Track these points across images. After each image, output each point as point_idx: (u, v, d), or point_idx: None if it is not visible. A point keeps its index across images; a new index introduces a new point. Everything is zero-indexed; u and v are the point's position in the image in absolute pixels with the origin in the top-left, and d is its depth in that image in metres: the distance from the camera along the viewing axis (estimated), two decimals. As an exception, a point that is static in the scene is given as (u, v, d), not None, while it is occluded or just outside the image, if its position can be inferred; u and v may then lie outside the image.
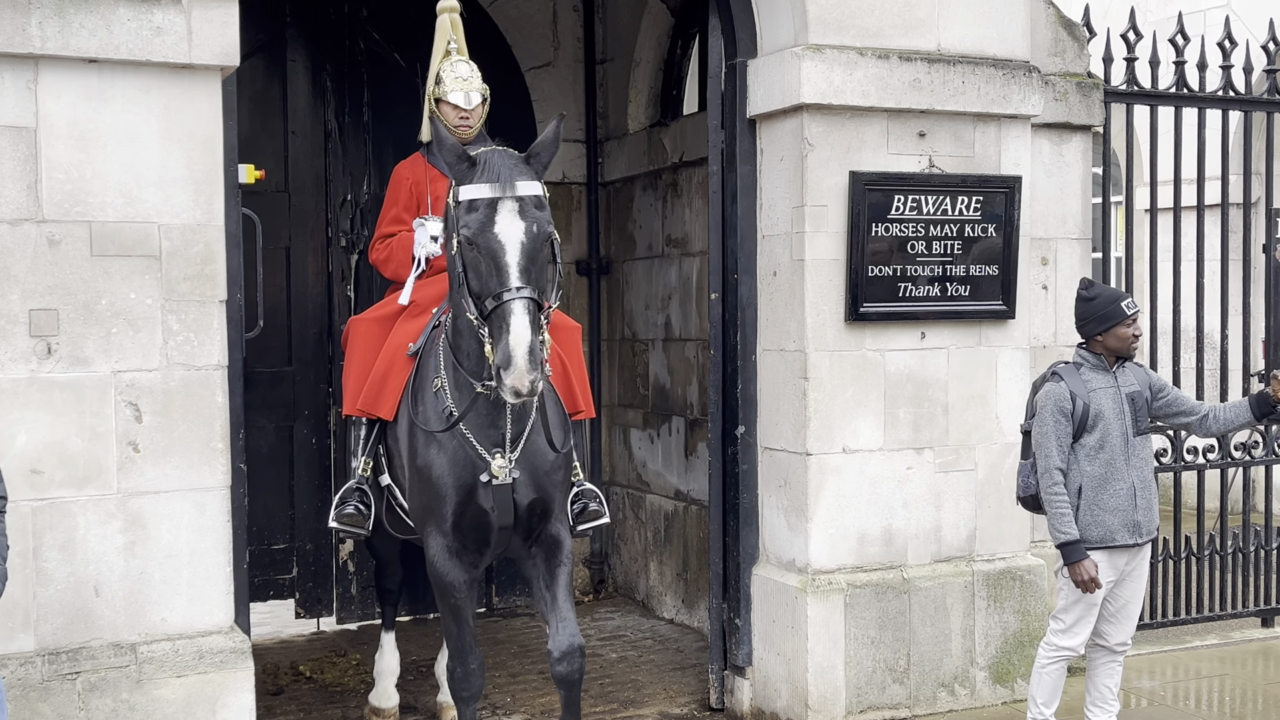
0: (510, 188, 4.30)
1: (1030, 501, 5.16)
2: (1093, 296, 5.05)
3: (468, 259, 4.32)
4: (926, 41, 5.87)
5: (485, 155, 4.40)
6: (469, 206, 4.32)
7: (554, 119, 4.60)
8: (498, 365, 4.16)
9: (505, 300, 4.17)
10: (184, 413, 4.73)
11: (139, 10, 4.57)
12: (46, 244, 4.52)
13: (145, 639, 4.70)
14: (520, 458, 4.71)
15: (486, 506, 4.71)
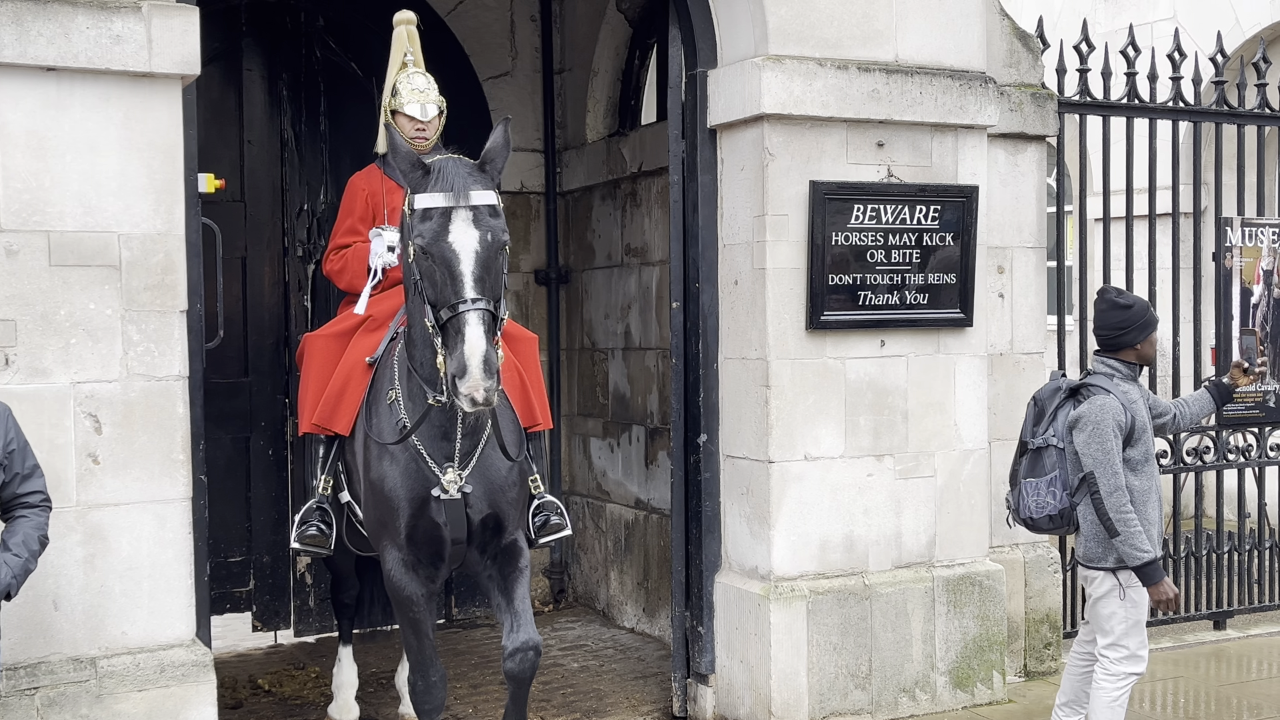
0: (464, 197, 4.28)
1: (1045, 522, 4.96)
2: (1130, 304, 4.93)
3: (423, 268, 4.31)
4: (885, 52, 5.93)
5: (440, 164, 4.38)
6: (423, 215, 4.30)
7: (500, 123, 4.57)
8: (453, 375, 4.14)
9: (460, 311, 4.15)
10: (144, 424, 4.69)
11: (98, 18, 4.53)
12: (4, 254, 4.47)
13: (105, 653, 4.64)
14: (473, 472, 4.69)
15: (439, 520, 4.69)
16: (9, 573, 3.89)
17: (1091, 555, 4.89)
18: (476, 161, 4.44)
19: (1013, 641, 6.50)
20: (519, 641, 4.67)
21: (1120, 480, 4.70)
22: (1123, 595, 4.82)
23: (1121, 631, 4.87)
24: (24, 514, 4.01)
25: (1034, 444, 4.98)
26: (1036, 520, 4.97)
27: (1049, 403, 4.99)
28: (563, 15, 8.39)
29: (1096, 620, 4.95)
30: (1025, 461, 5.03)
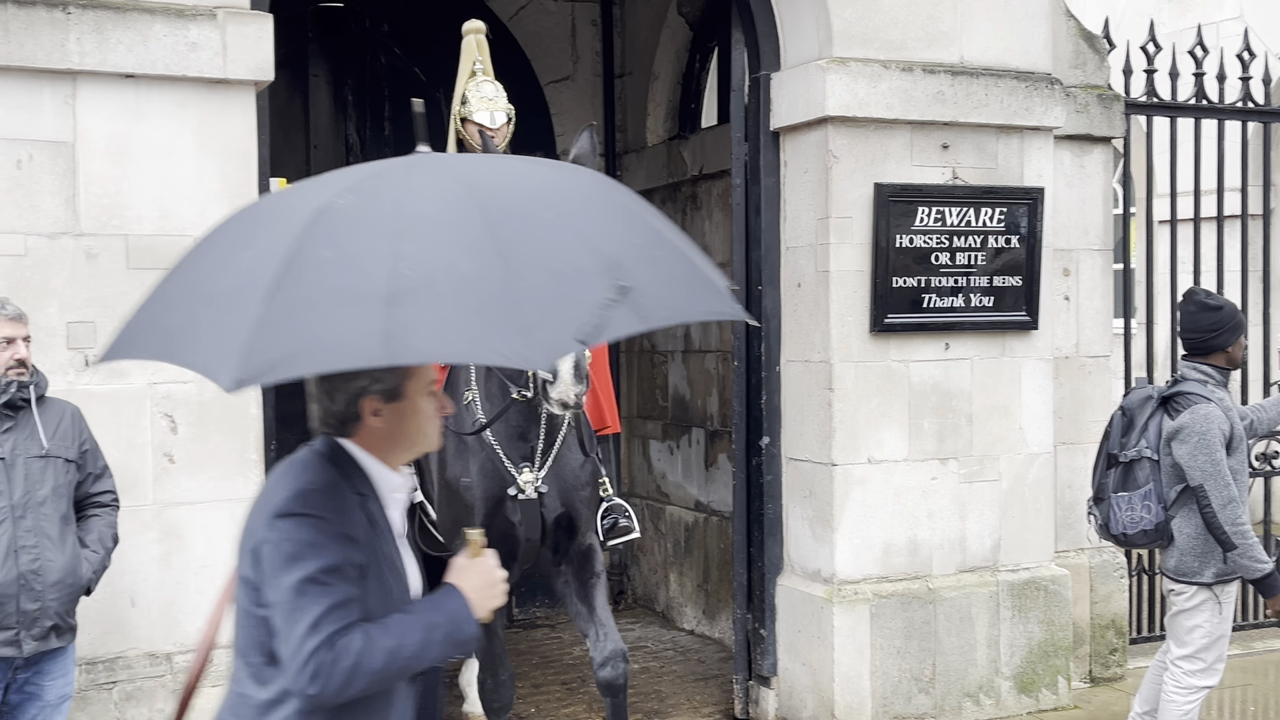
0: None
1: (1140, 538, 4.80)
2: (1220, 305, 4.78)
3: None
4: (950, 54, 5.91)
5: None
6: None
7: (585, 129, 4.64)
8: (544, 379, 4.19)
9: None
10: (219, 424, 4.77)
11: (175, 26, 4.62)
12: (84, 257, 4.57)
13: (180, 649, 4.72)
14: (549, 472, 4.74)
15: (514, 519, 4.74)
16: (90, 569, 3.99)
17: (1185, 569, 4.73)
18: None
19: (1078, 647, 6.45)
20: (608, 651, 4.73)
21: (1232, 491, 4.54)
22: (1219, 610, 4.72)
23: (1203, 645, 4.77)
24: (97, 512, 4.11)
25: (1125, 456, 4.79)
26: (1130, 536, 4.80)
27: (1139, 413, 4.81)
28: (623, 19, 8.43)
29: (1176, 632, 4.86)
30: (1115, 475, 4.83)
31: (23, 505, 3.85)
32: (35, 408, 3.95)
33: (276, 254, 2.05)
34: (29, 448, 3.91)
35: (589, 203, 2.24)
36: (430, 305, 1.96)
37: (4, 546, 3.81)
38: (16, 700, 3.96)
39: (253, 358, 1.96)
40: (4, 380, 3.89)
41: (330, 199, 2.11)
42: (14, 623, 3.82)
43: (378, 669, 2.23)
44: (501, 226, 2.06)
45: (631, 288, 2.03)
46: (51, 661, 3.97)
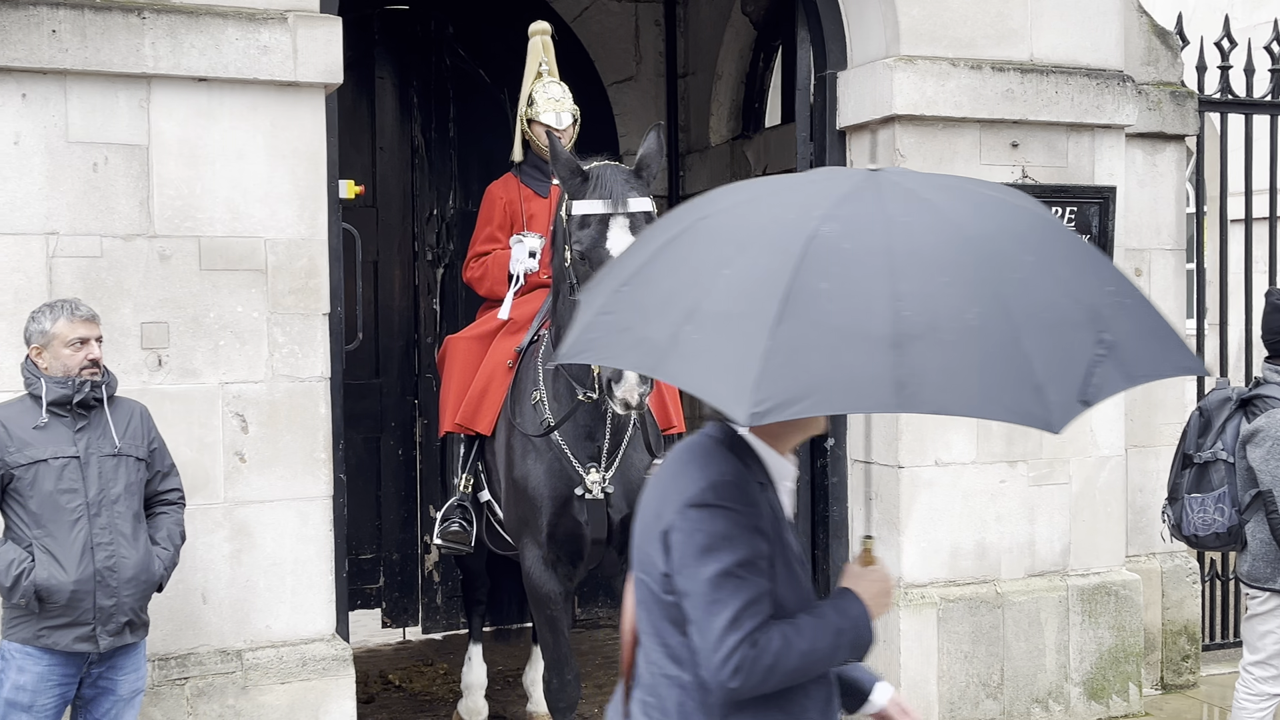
0: (622, 204, 4.35)
1: (1211, 540, 4.72)
2: None
3: (579, 273, 4.38)
4: (1019, 52, 5.84)
5: (598, 170, 4.45)
6: (581, 221, 4.37)
7: (652, 129, 4.63)
8: (608, 379, 4.21)
9: None
10: (288, 423, 4.82)
11: (247, 30, 4.67)
12: (157, 258, 4.63)
13: (251, 646, 4.78)
14: (616, 473, 4.74)
15: (581, 519, 4.75)
16: (161, 565, 4.05)
17: (1258, 575, 4.65)
18: (632, 168, 4.48)
19: (1149, 653, 6.35)
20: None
21: None
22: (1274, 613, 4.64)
23: (1274, 651, 4.69)
24: (165, 510, 4.16)
25: (1200, 458, 4.72)
26: (1202, 538, 4.74)
27: (1216, 414, 4.72)
28: (687, 19, 8.42)
29: (1249, 637, 4.78)
30: (1189, 475, 4.76)
31: (97, 503, 3.91)
32: (106, 407, 4.00)
33: (770, 282, 2.03)
34: (102, 446, 3.96)
35: (1058, 243, 2.20)
36: (938, 353, 1.94)
37: (80, 544, 3.87)
38: (91, 694, 4.02)
39: (765, 393, 1.94)
40: (78, 380, 3.94)
41: (815, 228, 2.08)
42: (90, 619, 3.88)
43: (791, 669, 2.27)
44: (994, 273, 2.03)
45: (1115, 341, 2.01)
46: (124, 657, 4.03)
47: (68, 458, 3.90)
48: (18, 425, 3.90)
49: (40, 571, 3.82)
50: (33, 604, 3.83)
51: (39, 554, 3.85)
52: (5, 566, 3.81)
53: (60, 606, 3.84)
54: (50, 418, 3.91)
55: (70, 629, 3.87)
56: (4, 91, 4.43)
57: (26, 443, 3.88)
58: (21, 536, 3.88)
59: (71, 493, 3.88)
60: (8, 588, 3.83)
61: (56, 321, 3.95)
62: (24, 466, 3.86)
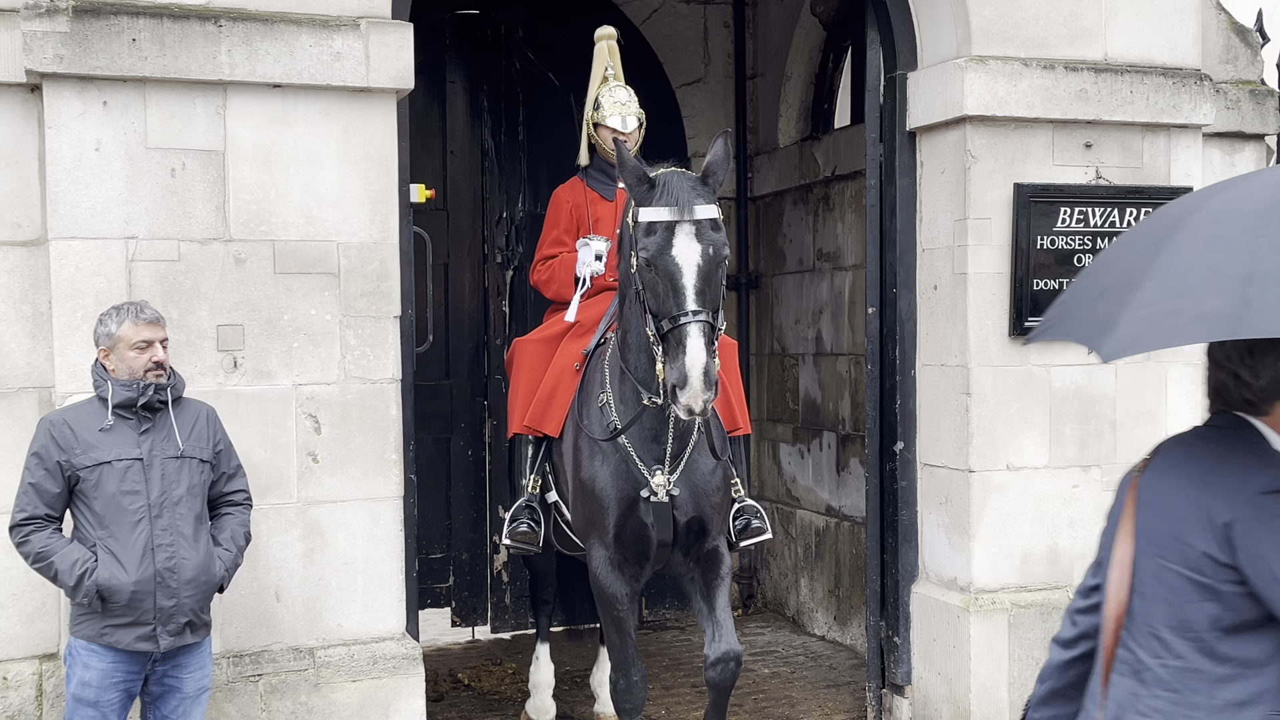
0: (688, 211, 4.34)
1: None
2: None
3: (645, 279, 4.40)
4: (1093, 51, 5.76)
5: (664, 178, 4.45)
6: (648, 229, 4.38)
7: (720, 136, 4.63)
8: (673, 384, 4.22)
9: (682, 323, 4.23)
10: (360, 424, 4.88)
11: (320, 36, 4.74)
12: (233, 262, 4.71)
13: (323, 643, 4.84)
14: (681, 475, 4.75)
15: (647, 521, 4.77)
16: (222, 567, 4.10)
17: None
18: (699, 175, 4.49)
19: (1226, 662, 6.22)
20: (720, 651, 4.74)
21: None
22: None
23: None
24: (230, 511, 4.22)
25: None
26: None
27: None
28: (755, 20, 8.40)
29: None
30: None
31: (159, 505, 3.96)
32: (171, 409, 4.06)
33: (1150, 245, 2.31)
34: (165, 448, 4.01)
35: None
36: None
37: (141, 545, 3.92)
38: (158, 691, 4.09)
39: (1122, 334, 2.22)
40: (142, 383, 4.00)
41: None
42: (151, 619, 3.93)
43: None
44: None
45: None
46: (188, 655, 4.09)
47: (131, 459, 3.95)
48: (84, 428, 3.97)
49: (102, 572, 3.88)
50: (95, 603, 3.89)
51: (102, 554, 3.91)
52: (69, 566, 3.88)
53: (121, 606, 3.91)
54: (115, 420, 3.98)
55: (131, 628, 3.93)
56: (86, 99, 4.53)
57: (92, 445, 3.95)
58: (86, 537, 3.96)
59: (134, 494, 3.94)
60: (71, 587, 3.90)
61: (122, 324, 4.02)
62: (89, 468, 3.93)
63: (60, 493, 3.96)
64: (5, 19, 4.56)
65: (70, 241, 4.53)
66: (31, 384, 4.69)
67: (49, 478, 3.94)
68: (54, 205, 4.52)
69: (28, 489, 3.96)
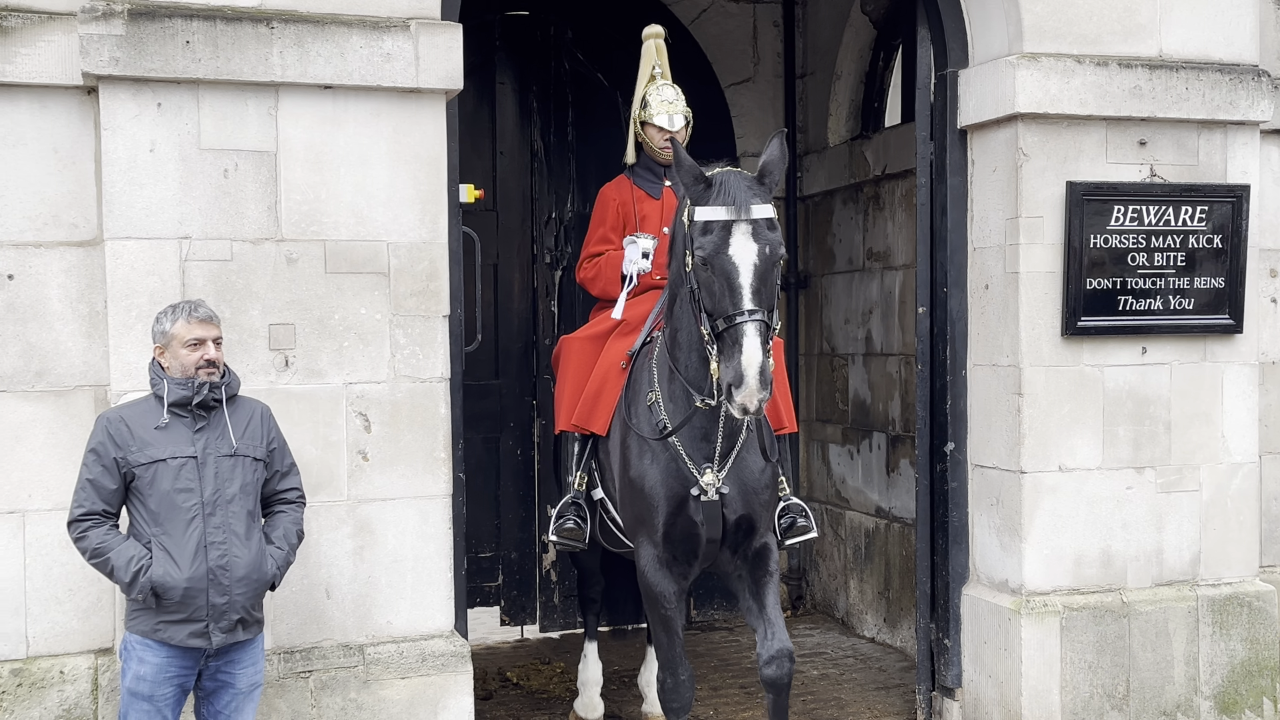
0: (745, 210, 4.32)
1: None
2: None
3: (701, 278, 4.38)
4: (1147, 47, 5.69)
5: (721, 177, 4.43)
6: (704, 228, 4.35)
7: (775, 136, 4.61)
8: (728, 383, 4.20)
9: (738, 322, 4.21)
10: (409, 423, 4.91)
11: (370, 38, 4.77)
12: (285, 262, 4.75)
13: (372, 640, 4.88)
14: (730, 473, 4.75)
15: (696, 519, 4.76)
16: (274, 565, 4.13)
17: None
18: (755, 174, 4.47)
19: (1284, 668, 6.13)
20: (774, 649, 4.73)
21: None
22: None
23: None
24: (283, 509, 4.25)
25: None
26: None
27: None
28: (805, 19, 8.37)
29: None
30: None
31: (212, 502, 4.00)
32: (225, 408, 4.10)
33: None
34: (219, 447, 4.05)
35: None
36: None
37: (195, 542, 3.96)
38: (211, 687, 4.14)
39: None
40: (197, 382, 4.05)
41: None
42: (204, 616, 3.98)
43: None
44: None
45: None
46: (240, 651, 4.13)
47: (185, 457, 4.00)
48: (140, 425, 4.02)
49: (156, 569, 3.93)
50: (149, 599, 3.94)
51: (156, 551, 3.96)
52: (125, 563, 3.93)
53: (175, 603, 3.95)
54: (171, 418, 4.02)
55: (184, 625, 3.97)
56: (141, 101, 4.59)
57: (147, 442, 3.99)
58: (141, 533, 4.00)
59: (187, 492, 3.98)
60: (127, 583, 3.95)
61: (176, 322, 4.07)
62: (144, 466, 3.98)
63: (117, 489, 4.01)
64: (62, 23, 4.64)
65: (125, 241, 4.59)
66: (87, 382, 4.76)
67: (106, 474, 4.00)
68: (110, 206, 4.59)
69: (85, 485, 4.01)
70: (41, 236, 4.71)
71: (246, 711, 4.19)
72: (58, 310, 4.73)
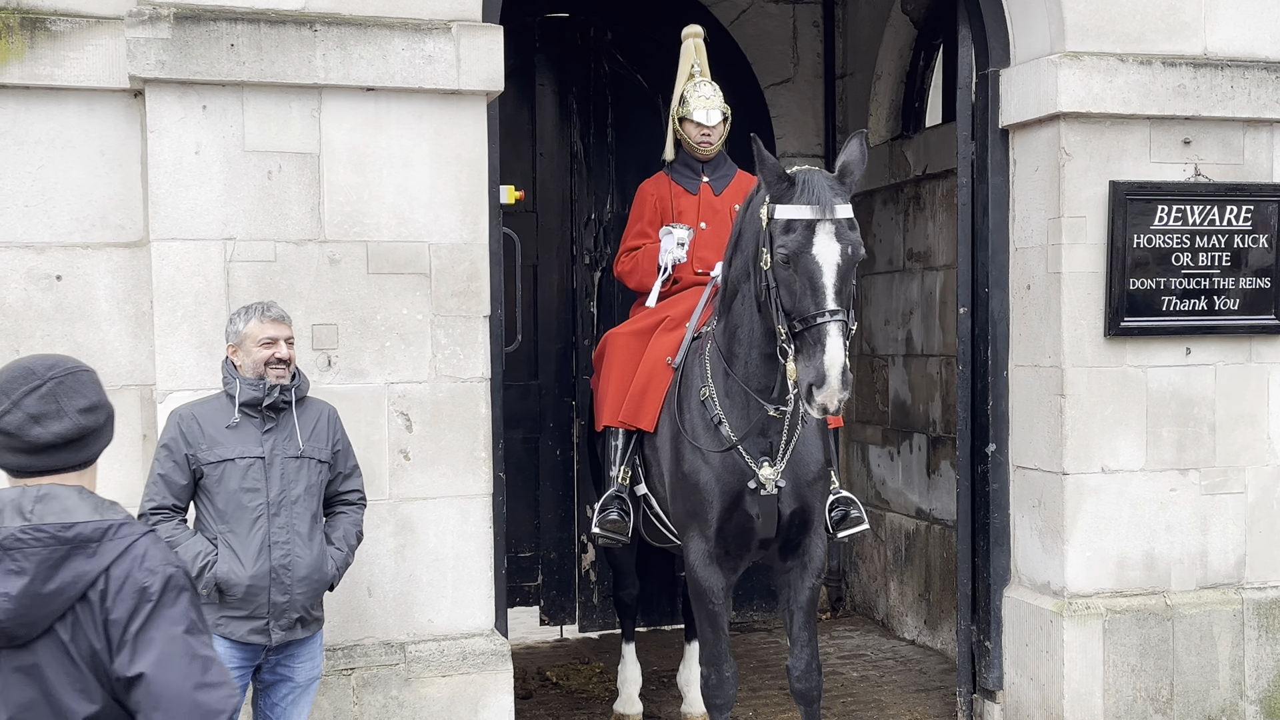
0: (830, 210, 4.26)
1: None
2: None
3: (780, 276, 4.31)
4: (1192, 46, 5.64)
5: (804, 175, 4.36)
6: (787, 226, 4.28)
7: (855, 137, 4.53)
8: (809, 383, 4.17)
9: (820, 323, 4.17)
10: (450, 423, 4.94)
11: (412, 40, 4.81)
12: (327, 263, 4.79)
13: (413, 639, 4.91)
14: (786, 467, 4.74)
15: (752, 513, 4.77)
16: (334, 565, 4.19)
17: None
18: (835, 174, 4.41)
19: (1332, 672, 6.05)
20: (804, 664, 4.83)
21: None
22: None
23: None
24: (344, 510, 4.31)
25: None
26: None
27: None
28: (845, 19, 8.35)
29: None
30: None
31: (278, 503, 4.06)
32: (294, 410, 4.16)
33: None
34: (287, 448, 4.12)
35: None
36: None
37: (259, 542, 4.03)
38: (270, 680, 4.21)
39: None
40: (267, 384, 4.11)
41: None
42: (265, 613, 4.04)
43: None
44: None
45: None
46: (300, 647, 4.19)
47: (253, 458, 4.07)
48: (211, 424, 4.10)
49: (221, 565, 4.00)
50: (213, 595, 4.01)
51: (222, 548, 4.03)
52: (192, 558, 4.00)
53: (237, 600, 4.02)
54: (242, 418, 4.10)
55: (246, 621, 4.04)
56: (186, 104, 4.64)
57: (217, 441, 4.07)
58: (208, 529, 4.08)
59: (254, 492, 4.05)
60: (192, 578, 4.00)
61: (249, 322, 4.15)
62: (212, 464, 4.05)
63: (187, 485, 4.10)
64: (109, 26, 4.70)
65: (171, 242, 4.65)
66: (134, 382, 4.82)
67: (177, 470, 4.08)
68: (155, 207, 4.64)
69: (157, 479, 4.10)
70: (89, 238, 4.77)
71: (303, 705, 4.26)
72: (104, 311, 4.80)
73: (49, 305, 4.74)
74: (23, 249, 4.71)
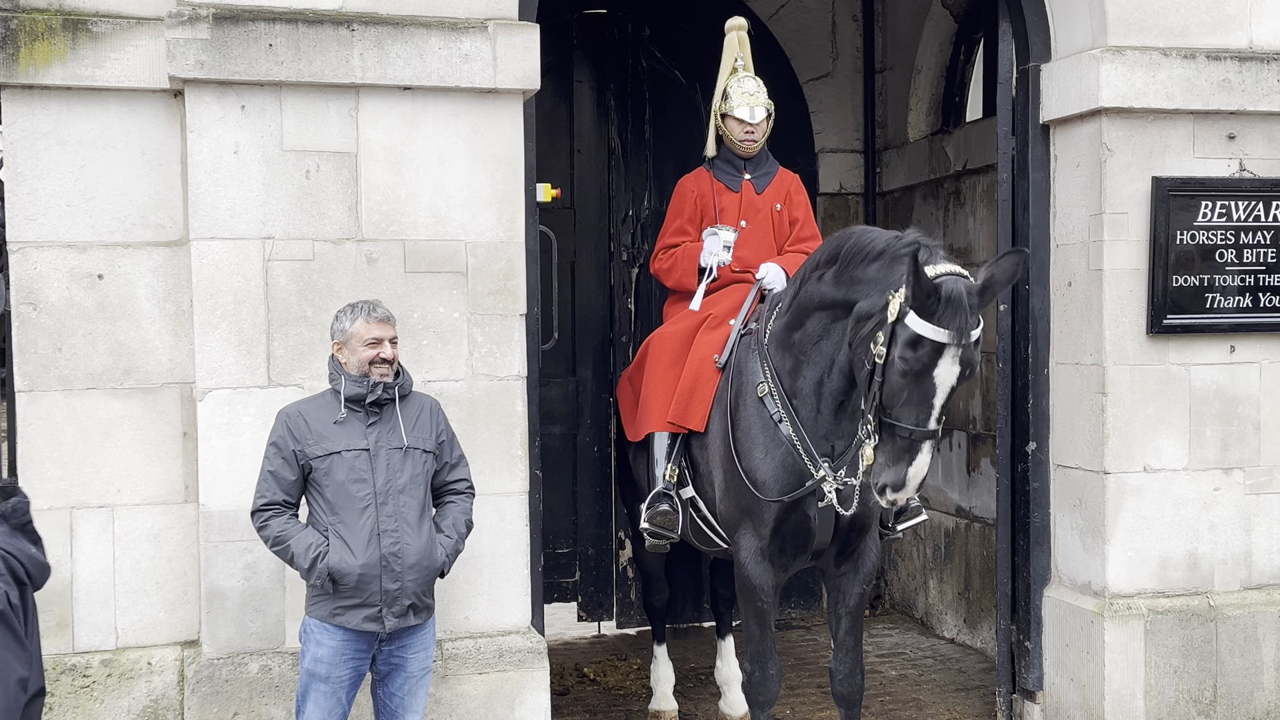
0: (965, 336, 4.10)
1: None
2: None
3: (891, 379, 4.18)
4: (1237, 39, 5.56)
5: (949, 290, 4.10)
6: (915, 341, 4.10)
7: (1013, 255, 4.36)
8: (886, 482, 4.18)
9: (918, 438, 4.15)
10: (487, 420, 4.95)
11: (449, 39, 4.82)
12: (365, 261, 4.82)
13: (450, 636, 4.93)
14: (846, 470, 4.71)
15: (810, 514, 4.76)
16: (443, 552, 4.28)
17: None
18: (978, 286, 4.22)
19: (1380, 675, 5.96)
20: (847, 668, 4.86)
21: None
22: None
23: None
24: (452, 499, 4.39)
25: None
26: None
27: None
28: (884, 13, 8.29)
29: None
30: None
31: (384, 493, 4.15)
32: (398, 405, 4.24)
33: None
34: (391, 440, 4.20)
35: None
36: None
37: (368, 531, 4.12)
38: (385, 670, 4.30)
39: None
40: (370, 381, 4.19)
41: None
42: (377, 601, 4.13)
43: None
44: None
45: None
46: (412, 636, 4.28)
47: (359, 450, 4.16)
48: (318, 420, 4.19)
49: (333, 556, 4.10)
50: (327, 585, 4.11)
51: (333, 539, 4.13)
52: (304, 550, 4.10)
53: (350, 589, 4.11)
54: (347, 413, 4.19)
55: (359, 609, 4.13)
56: (225, 104, 4.68)
57: (324, 436, 4.16)
58: (320, 522, 4.18)
59: (361, 482, 4.14)
60: (306, 569, 4.12)
61: (355, 321, 4.22)
62: (321, 458, 4.15)
63: (296, 480, 4.19)
64: (149, 27, 4.74)
65: (210, 242, 4.68)
66: (174, 380, 4.86)
67: (286, 466, 4.17)
68: (195, 206, 4.68)
69: (267, 476, 4.19)
70: (130, 237, 4.82)
71: (419, 694, 4.33)
72: (145, 309, 4.84)
73: (91, 304, 4.79)
74: (65, 248, 4.76)
